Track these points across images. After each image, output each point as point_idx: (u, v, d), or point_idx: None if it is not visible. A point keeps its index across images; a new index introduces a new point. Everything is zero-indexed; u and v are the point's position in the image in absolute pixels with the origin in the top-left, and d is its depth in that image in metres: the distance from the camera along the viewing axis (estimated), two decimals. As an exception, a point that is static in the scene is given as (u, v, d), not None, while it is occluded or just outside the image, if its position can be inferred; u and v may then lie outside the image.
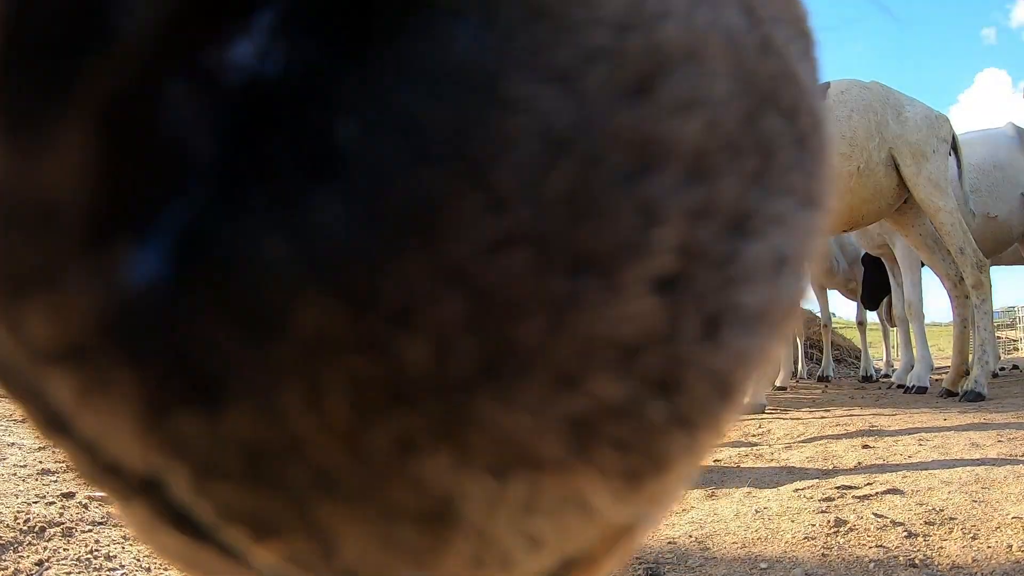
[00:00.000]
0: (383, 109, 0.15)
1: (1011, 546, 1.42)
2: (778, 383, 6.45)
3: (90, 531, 1.57)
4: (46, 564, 1.41)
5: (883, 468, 2.35)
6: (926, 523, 1.61)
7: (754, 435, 3.49)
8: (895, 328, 7.61)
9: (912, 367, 5.83)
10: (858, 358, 8.67)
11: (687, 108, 0.16)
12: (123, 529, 1.59)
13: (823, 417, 3.91)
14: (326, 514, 0.17)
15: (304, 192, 0.15)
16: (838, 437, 3.16)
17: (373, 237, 0.15)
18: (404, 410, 0.16)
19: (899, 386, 5.91)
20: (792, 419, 3.97)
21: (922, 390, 5.30)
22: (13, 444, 2.54)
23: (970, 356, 4.78)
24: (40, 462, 2.21)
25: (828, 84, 4.73)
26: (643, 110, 0.16)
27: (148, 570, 1.43)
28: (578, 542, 0.19)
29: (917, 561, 1.41)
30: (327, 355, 0.16)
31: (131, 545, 1.50)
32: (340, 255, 0.15)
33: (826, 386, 6.63)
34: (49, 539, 1.50)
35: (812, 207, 0.18)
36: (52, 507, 1.70)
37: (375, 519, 0.17)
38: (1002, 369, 7.66)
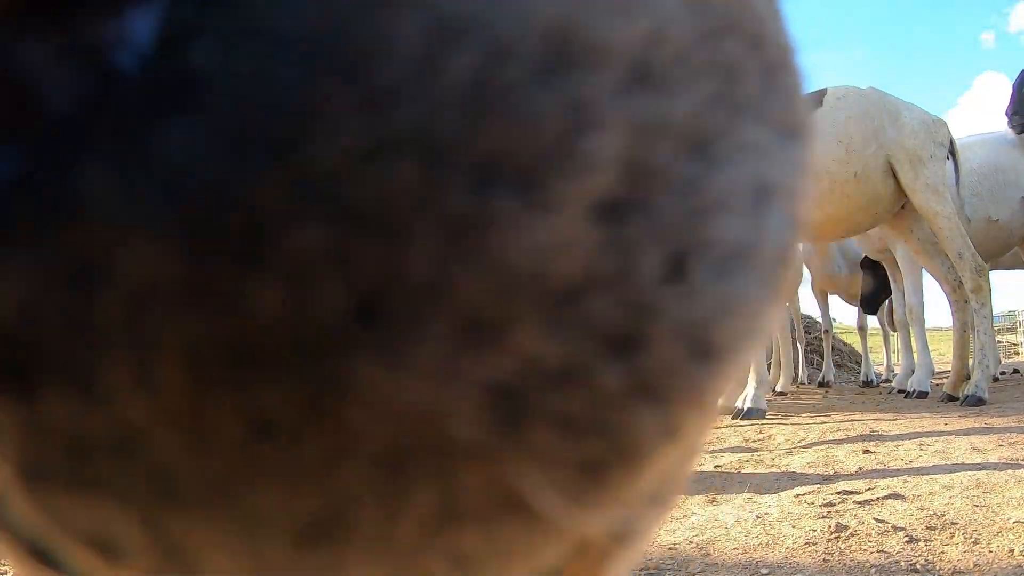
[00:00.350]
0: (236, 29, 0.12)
1: (1012, 550, 1.42)
2: (779, 388, 6.44)
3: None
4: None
5: (884, 473, 2.35)
6: (927, 528, 1.61)
7: (755, 440, 3.49)
8: (895, 333, 7.59)
9: (912, 372, 5.82)
10: (859, 363, 8.66)
11: (625, 11, 0.14)
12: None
13: (824, 422, 3.91)
14: (177, 526, 0.14)
15: (153, 126, 0.12)
16: (839, 442, 3.16)
17: (216, 160, 0.12)
18: (257, 379, 0.13)
19: (900, 391, 5.90)
20: (793, 424, 3.97)
21: (923, 395, 5.30)
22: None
23: (970, 360, 4.78)
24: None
25: (824, 91, 4.74)
26: (565, 5, 0.13)
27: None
28: (531, 563, 0.15)
29: (919, 566, 1.41)
30: (157, 312, 0.12)
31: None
32: (176, 185, 0.12)
33: (827, 391, 6.63)
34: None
35: (793, 138, 0.16)
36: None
37: (237, 533, 0.14)
38: (1003, 373, 7.65)
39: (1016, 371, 8.22)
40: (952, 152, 4.77)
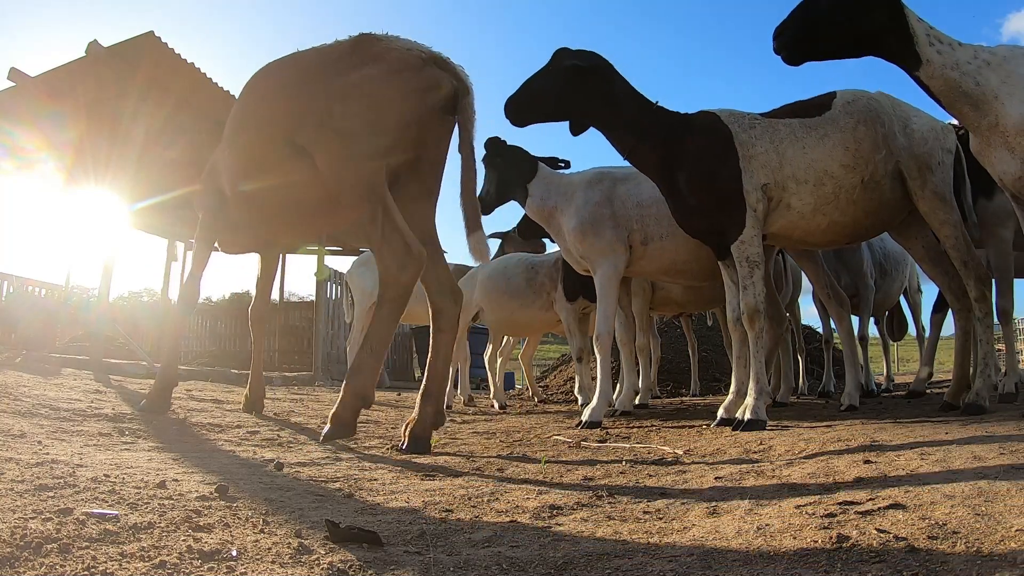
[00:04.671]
0: None
1: (1016, 559, 1.41)
2: (779, 399, 6.41)
3: (87, 548, 1.56)
4: (42, 581, 1.39)
5: (885, 483, 2.34)
6: (929, 538, 1.60)
7: (755, 452, 3.47)
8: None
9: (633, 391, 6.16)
10: (859, 372, 8.61)
11: None
12: (121, 546, 1.58)
13: (824, 432, 3.89)
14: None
15: None
16: (839, 452, 3.15)
17: None
18: None
19: (577, 418, 5.86)
20: (793, 435, 3.96)
21: (595, 424, 5.21)
22: (11, 459, 2.52)
23: (971, 369, 4.76)
24: (38, 477, 2.20)
25: (834, 94, 4.70)
26: None
27: (145, 587, 1.42)
28: None
29: (921, 576, 1.40)
30: None
31: (128, 562, 1.49)
32: None
33: (827, 401, 6.61)
34: (46, 555, 1.49)
35: None
36: (49, 523, 1.68)
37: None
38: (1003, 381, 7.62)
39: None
40: (959, 158, 4.75)
